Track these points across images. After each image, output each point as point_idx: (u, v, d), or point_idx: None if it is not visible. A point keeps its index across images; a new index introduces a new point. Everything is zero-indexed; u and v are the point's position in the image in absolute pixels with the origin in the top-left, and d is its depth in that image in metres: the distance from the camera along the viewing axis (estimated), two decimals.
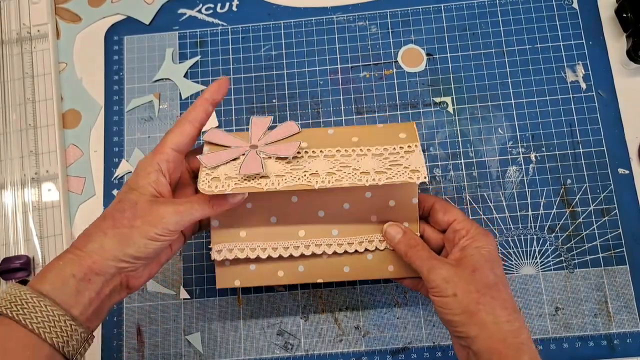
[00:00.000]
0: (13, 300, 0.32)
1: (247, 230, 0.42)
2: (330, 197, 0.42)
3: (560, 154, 0.50)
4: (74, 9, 0.57)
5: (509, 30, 0.53)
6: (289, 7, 0.55)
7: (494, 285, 0.36)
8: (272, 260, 0.42)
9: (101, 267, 0.34)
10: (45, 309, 0.32)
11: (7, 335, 0.31)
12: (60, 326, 0.32)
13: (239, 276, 0.43)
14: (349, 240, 0.42)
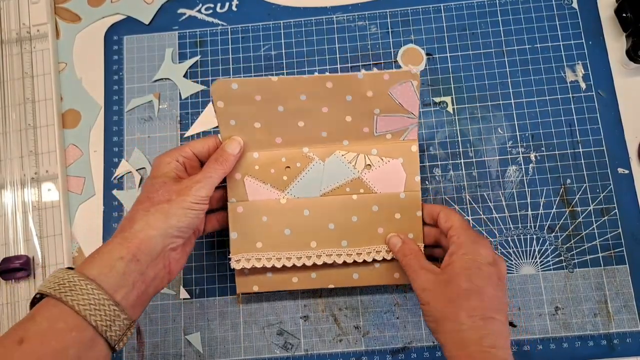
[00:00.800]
0: (61, 282, 0.33)
1: (263, 241, 0.45)
2: (339, 211, 0.45)
3: (560, 154, 0.50)
4: (73, 8, 0.57)
5: (508, 30, 0.53)
6: (288, 7, 0.55)
7: (465, 294, 0.37)
8: (287, 269, 0.46)
9: (148, 244, 0.36)
10: (91, 292, 0.33)
11: (55, 316, 0.32)
12: (104, 310, 0.33)
13: (257, 283, 0.46)
14: (357, 251, 0.45)
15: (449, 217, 0.42)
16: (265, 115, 0.44)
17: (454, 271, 0.39)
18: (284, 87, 0.43)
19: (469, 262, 0.39)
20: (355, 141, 0.46)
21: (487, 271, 0.38)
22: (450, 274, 0.39)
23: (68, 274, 0.34)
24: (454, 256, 0.39)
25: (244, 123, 0.45)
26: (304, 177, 0.46)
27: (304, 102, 0.44)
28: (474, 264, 0.38)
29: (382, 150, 0.46)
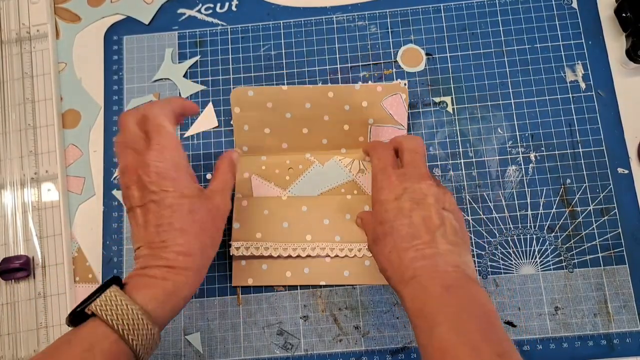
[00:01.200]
0: (111, 306, 0.33)
1: (262, 232, 0.48)
2: (334, 209, 0.49)
3: (559, 154, 0.50)
4: (73, 8, 0.57)
5: (508, 30, 0.53)
6: (288, 7, 0.55)
7: (376, 241, 0.39)
8: (282, 261, 0.48)
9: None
10: (141, 322, 0.33)
11: (101, 339, 0.33)
12: (145, 332, 0.33)
13: (252, 275, 0.49)
14: (349, 247, 0.48)
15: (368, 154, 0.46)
16: (274, 122, 0.50)
17: (373, 228, 0.41)
18: (292, 95, 0.49)
19: (378, 213, 0.40)
20: (351, 149, 0.50)
21: (393, 207, 0.39)
22: (373, 232, 0.41)
23: (119, 297, 0.33)
24: (372, 214, 0.42)
25: (255, 128, 0.50)
26: (304, 178, 0.50)
27: (308, 110, 0.49)
28: (381, 210, 0.40)
29: None
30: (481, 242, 0.49)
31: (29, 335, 0.48)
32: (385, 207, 0.39)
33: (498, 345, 0.31)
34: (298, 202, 0.49)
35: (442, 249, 0.37)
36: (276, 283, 0.48)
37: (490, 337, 0.32)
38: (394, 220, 0.38)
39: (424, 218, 0.38)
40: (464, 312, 0.33)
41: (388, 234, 0.38)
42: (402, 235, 0.37)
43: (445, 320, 0.32)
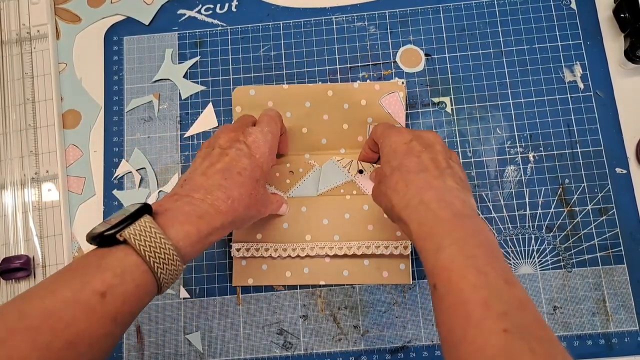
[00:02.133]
0: (144, 235, 0.33)
1: (262, 233, 0.49)
2: (334, 209, 0.49)
3: (558, 154, 0.50)
4: (73, 9, 0.57)
5: (507, 31, 0.53)
6: (288, 7, 0.55)
7: (389, 179, 0.39)
8: (282, 261, 0.48)
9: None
10: (169, 254, 0.33)
11: (131, 270, 0.32)
12: (172, 265, 0.33)
13: (252, 275, 0.49)
14: (348, 245, 0.48)
15: (375, 134, 0.45)
16: None
17: (381, 169, 0.41)
18: (292, 94, 0.50)
19: (387, 154, 0.41)
20: (350, 149, 0.51)
21: (403, 149, 0.40)
22: (380, 173, 0.41)
23: (153, 229, 0.33)
24: (380, 158, 0.42)
25: None
26: (304, 181, 0.50)
27: (308, 109, 0.50)
28: (390, 151, 0.40)
29: None
30: None
31: None
32: (394, 148, 0.40)
33: (504, 273, 0.31)
34: (297, 203, 0.49)
35: (450, 185, 0.37)
36: (276, 283, 0.49)
37: (496, 264, 0.32)
38: (403, 158, 0.39)
39: (432, 159, 0.39)
40: (472, 238, 0.33)
41: (396, 169, 0.39)
42: (411, 168, 0.38)
43: (453, 243, 0.32)
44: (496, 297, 0.29)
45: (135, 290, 0.32)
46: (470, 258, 0.31)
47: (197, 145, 0.53)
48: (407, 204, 0.36)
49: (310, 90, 0.50)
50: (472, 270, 0.31)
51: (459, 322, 0.29)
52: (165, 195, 0.40)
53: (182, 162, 0.52)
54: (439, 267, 0.32)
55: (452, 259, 0.32)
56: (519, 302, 0.30)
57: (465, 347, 0.29)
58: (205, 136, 0.53)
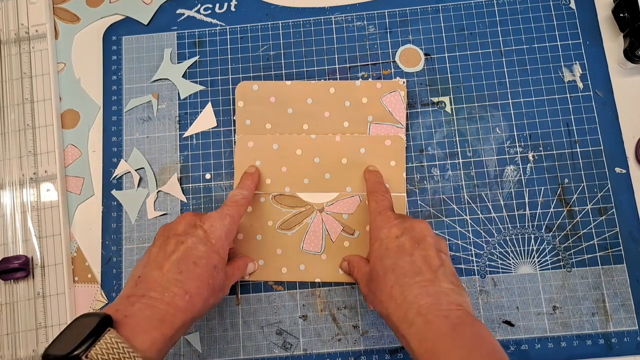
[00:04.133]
0: (110, 351, 0.31)
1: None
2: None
3: (557, 154, 0.50)
4: (72, 9, 0.57)
5: (506, 30, 0.53)
6: (287, 7, 0.55)
7: (382, 279, 0.38)
8: (278, 257, 0.49)
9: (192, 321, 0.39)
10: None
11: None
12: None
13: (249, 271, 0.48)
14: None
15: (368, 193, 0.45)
16: (276, 117, 0.51)
17: (372, 266, 0.40)
18: (295, 91, 0.51)
19: (377, 250, 0.40)
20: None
21: (395, 246, 0.39)
22: (371, 270, 0.40)
23: (121, 344, 0.32)
24: (370, 253, 0.41)
25: (257, 123, 0.51)
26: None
27: (310, 105, 0.50)
28: (381, 247, 0.39)
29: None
30: (479, 241, 0.49)
31: (28, 335, 0.48)
32: (386, 245, 0.39)
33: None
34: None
35: (445, 288, 0.36)
36: (272, 279, 0.49)
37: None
38: (396, 257, 0.38)
39: (425, 257, 0.38)
40: (476, 352, 0.32)
41: (389, 271, 0.38)
42: (405, 271, 0.37)
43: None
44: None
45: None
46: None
47: (196, 145, 0.52)
48: (405, 315, 0.35)
49: (312, 87, 0.51)
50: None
51: None
52: (118, 296, 0.38)
53: (181, 162, 0.52)
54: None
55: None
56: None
57: None
58: (205, 136, 0.53)
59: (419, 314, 0.35)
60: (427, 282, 0.36)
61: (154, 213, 0.51)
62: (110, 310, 0.35)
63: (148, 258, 0.39)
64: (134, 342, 0.33)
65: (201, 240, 0.40)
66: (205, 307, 0.39)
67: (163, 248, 0.39)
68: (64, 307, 0.49)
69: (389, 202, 0.44)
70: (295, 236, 0.49)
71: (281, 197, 0.50)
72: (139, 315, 0.34)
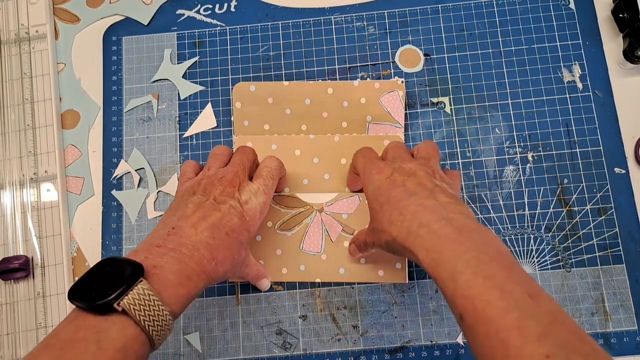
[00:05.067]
0: (143, 305, 0.31)
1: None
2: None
3: (557, 154, 0.50)
4: (72, 9, 0.57)
5: (506, 31, 0.53)
6: (287, 7, 0.55)
7: (374, 217, 0.39)
8: (278, 257, 0.49)
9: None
10: (165, 319, 0.32)
11: (131, 339, 0.31)
12: (166, 327, 0.32)
13: None
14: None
15: (356, 166, 0.45)
16: (274, 118, 0.51)
17: (369, 209, 0.41)
18: (293, 91, 0.50)
19: (372, 193, 0.40)
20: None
21: (386, 184, 0.38)
22: (370, 215, 0.41)
23: (152, 297, 0.31)
24: (366, 199, 0.41)
25: (255, 124, 0.51)
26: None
27: (308, 106, 0.50)
28: (375, 189, 0.39)
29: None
30: None
31: (28, 335, 0.48)
32: (377, 186, 0.39)
33: (526, 285, 0.30)
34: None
35: (442, 200, 0.36)
36: (272, 279, 0.49)
37: (515, 277, 0.30)
38: (389, 191, 0.38)
39: (418, 184, 0.37)
40: (484, 254, 0.31)
41: (385, 203, 0.38)
42: (399, 196, 0.37)
43: (468, 266, 0.31)
44: (528, 317, 0.28)
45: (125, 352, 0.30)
46: (489, 278, 0.30)
47: (196, 145, 0.53)
48: (408, 231, 0.35)
49: (310, 87, 0.51)
50: (496, 292, 0.29)
51: (496, 354, 0.28)
52: (149, 239, 0.37)
53: (181, 162, 0.52)
54: (459, 296, 0.30)
55: (471, 285, 0.30)
56: (553, 316, 0.28)
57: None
58: (205, 136, 0.53)
59: (421, 225, 0.34)
60: (424, 199, 0.36)
61: (154, 213, 0.51)
62: (139, 257, 0.34)
63: (184, 212, 0.38)
64: (162, 295, 0.32)
65: (237, 213, 0.39)
66: (222, 279, 0.39)
67: (200, 209, 0.38)
68: (64, 307, 0.49)
69: (374, 154, 0.43)
70: (295, 237, 0.49)
71: (280, 197, 0.50)
72: (167, 268, 0.34)
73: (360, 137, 0.50)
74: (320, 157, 0.50)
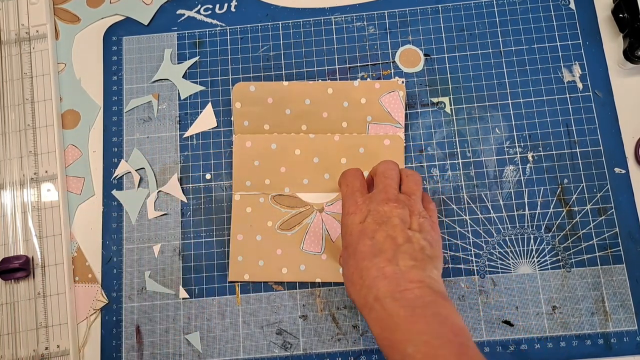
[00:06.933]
0: None
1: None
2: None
3: (557, 154, 0.50)
4: (72, 9, 0.57)
5: (506, 31, 0.53)
6: (287, 7, 0.55)
7: (343, 266, 0.39)
8: (278, 257, 0.48)
9: None
10: None
11: None
12: None
13: (248, 271, 0.49)
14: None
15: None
16: (274, 118, 0.51)
17: (341, 255, 0.41)
18: (292, 91, 0.50)
19: (344, 237, 0.40)
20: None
21: (358, 231, 0.38)
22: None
23: None
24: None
25: (255, 124, 0.51)
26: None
27: (308, 106, 0.50)
28: (346, 234, 0.39)
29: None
30: (479, 241, 0.49)
31: (29, 335, 0.48)
32: (349, 230, 0.39)
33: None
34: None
35: (404, 266, 0.35)
36: (272, 279, 0.49)
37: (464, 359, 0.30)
38: (357, 242, 0.37)
39: (387, 237, 0.37)
40: (436, 338, 0.31)
41: (351, 256, 0.37)
42: (365, 254, 0.36)
43: (418, 351, 0.31)
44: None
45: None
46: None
47: (196, 145, 0.53)
48: (365, 300, 0.35)
49: (310, 87, 0.51)
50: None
51: None
52: None
53: (181, 162, 0.52)
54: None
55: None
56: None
57: None
58: (205, 136, 0.53)
59: (377, 299, 0.34)
60: (385, 263, 0.35)
61: (155, 213, 0.51)
62: None
63: None
64: None
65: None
66: None
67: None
68: (65, 306, 0.49)
69: (358, 183, 0.42)
70: (295, 236, 0.49)
71: (281, 197, 0.50)
72: None
73: (360, 137, 0.50)
74: (321, 157, 0.50)
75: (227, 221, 0.50)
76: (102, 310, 0.49)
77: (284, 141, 0.50)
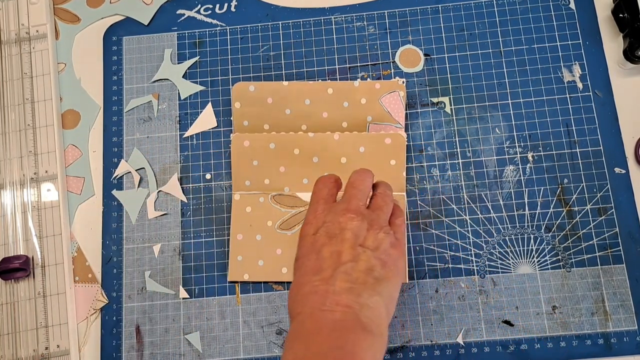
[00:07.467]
0: None
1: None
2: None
3: (557, 154, 0.50)
4: (72, 9, 0.57)
5: (506, 31, 0.53)
6: (287, 7, 0.55)
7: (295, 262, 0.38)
8: (278, 256, 0.48)
9: None
10: None
11: None
12: None
13: (248, 271, 0.49)
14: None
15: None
16: (273, 118, 0.51)
17: None
18: (292, 91, 0.50)
19: (297, 249, 0.39)
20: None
21: (309, 244, 0.37)
22: None
23: None
24: None
25: (255, 124, 0.51)
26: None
27: (308, 106, 0.50)
28: (299, 246, 0.38)
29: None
30: (479, 241, 0.49)
31: (29, 335, 0.48)
32: (302, 243, 0.38)
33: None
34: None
35: (338, 287, 0.34)
36: (272, 279, 0.49)
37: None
38: (305, 256, 0.37)
39: (333, 253, 0.35)
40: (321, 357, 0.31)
41: (297, 270, 0.37)
42: (307, 270, 0.36)
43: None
44: None
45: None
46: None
47: (196, 145, 0.53)
48: (291, 310, 0.35)
49: (310, 87, 0.50)
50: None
51: None
52: None
53: (181, 162, 0.52)
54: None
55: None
56: None
57: None
58: (205, 136, 0.53)
59: (299, 313, 0.34)
60: (321, 282, 0.34)
61: (155, 213, 0.51)
62: None
63: None
64: None
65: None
66: None
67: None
68: (65, 306, 0.49)
69: (325, 192, 0.40)
70: (295, 236, 0.49)
71: (280, 197, 0.50)
72: None
73: (361, 135, 0.50)
74: (320, 156, 0.50)
75: (227, 221, 0.50)
76: (102, 310, 0.49)
77: (283, 140, 0.50)
